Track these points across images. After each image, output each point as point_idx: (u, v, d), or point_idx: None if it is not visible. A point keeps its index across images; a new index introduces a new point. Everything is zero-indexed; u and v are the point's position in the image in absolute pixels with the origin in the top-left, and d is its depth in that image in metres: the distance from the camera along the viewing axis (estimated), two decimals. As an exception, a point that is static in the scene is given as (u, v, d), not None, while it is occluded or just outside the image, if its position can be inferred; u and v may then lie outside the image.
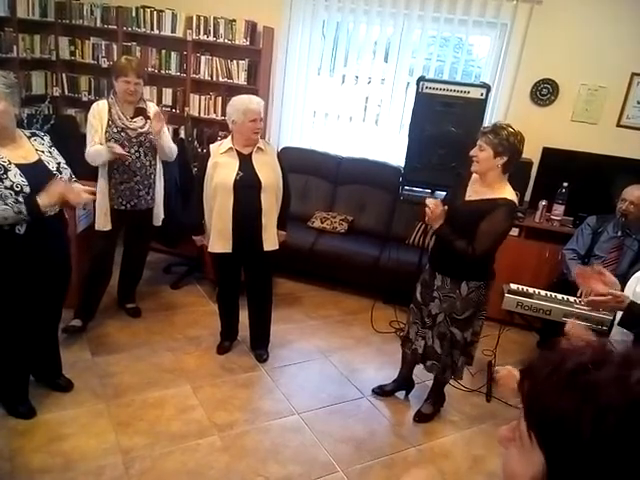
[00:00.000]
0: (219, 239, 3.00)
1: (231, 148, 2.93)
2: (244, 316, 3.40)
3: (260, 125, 2.91)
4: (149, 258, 3.77)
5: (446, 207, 2.61)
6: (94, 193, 3.17)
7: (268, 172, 2.98)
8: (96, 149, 3.05)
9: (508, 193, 2.53)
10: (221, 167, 2.92)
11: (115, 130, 3.07)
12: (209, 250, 3.07)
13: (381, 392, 3.11)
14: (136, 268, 3.63)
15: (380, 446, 2.75)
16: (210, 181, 2.94)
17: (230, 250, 3.01)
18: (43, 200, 2.26)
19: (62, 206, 2.41)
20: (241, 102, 2.91)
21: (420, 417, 2.96)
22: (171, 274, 4.30)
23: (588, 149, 3.99)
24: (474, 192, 2.59)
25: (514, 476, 0.65)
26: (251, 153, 2.96)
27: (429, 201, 2.56)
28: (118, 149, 3.03)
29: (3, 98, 2.23)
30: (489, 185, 2.54)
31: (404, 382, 3.13)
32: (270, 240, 3.06)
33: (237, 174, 2.90)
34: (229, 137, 2.99)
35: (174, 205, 3.68)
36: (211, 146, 3.03)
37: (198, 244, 3.18)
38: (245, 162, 2.94)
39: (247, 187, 2.91)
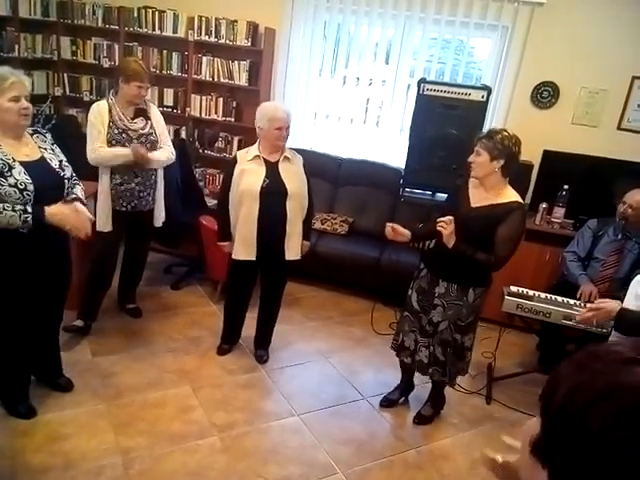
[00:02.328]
0: (243, 246, 3.00)
1: (258, 156, 2.94)
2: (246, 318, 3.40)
3: (285, 133, 2.90)
4: (150, 258, 3.77)
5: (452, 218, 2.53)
6: (93, 194, 3.18)
7: (294, 180, 2.98)
8: (114, 151, 3.04)
9: (516, 196, 2.56)
10: (248, 174, 2.93)
11: (116, 131, 3.07)
12: (233, 257, 3.06)
13: (389, 403, 3.08)
14: (136, 269, 3.63)
15: (380, 448, 2.76)
16: (236, 188, 2.95)
17: (254, 258, 3.01)
18: (50, 215, 2.27)
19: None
20: (267, 110, 2.93)
21: (420, 419, 2.97)
22: (171, 274, 4.30)
23: (589, 152, 4.00)
24: (480, 198, 2.57)
25: (523, 440, 0.68)
26: (278, 161, 2.96)
27: (442, 220, 2.50)
28: (143, 149, 3.05)
29: (26, 96, 2.28)
30: (493, 189, 2.54)
31: (407, 387, 3.13)
32: (293, 249, 3.05)
33: (264, 181, 2.91)
34: (256, 144, 3.00)
35: (174, 205, 3.68)
36: (238, 153, 3.05)
37: (226, 251, 3.14)
38: (272, 170, 2.94)
39: (273, 194, 2.91)
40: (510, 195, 2.55)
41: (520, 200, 2.56)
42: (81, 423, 2.63)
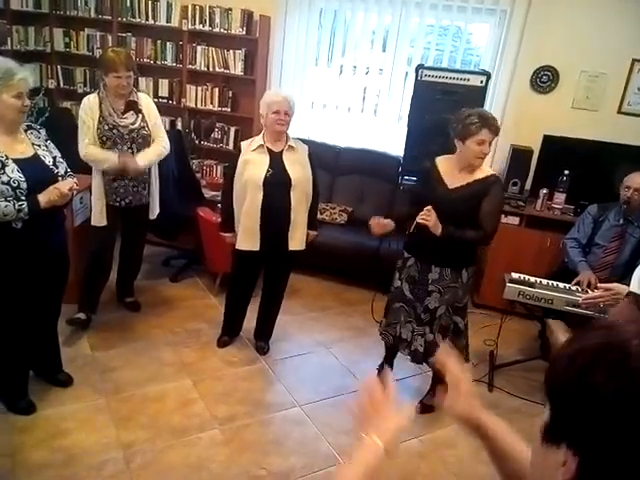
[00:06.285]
0: (247, 236, 2.97)
1: (262, 145, 2.91)
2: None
3: (284, 118, 2.85)
4: (148, 252, 3.75)
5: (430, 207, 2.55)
6: (89, 187, 3.15)
7: (298, 170, 2.94)
8: (105, 156, 3.01)
9: (490, 169, 2.68)
10: (252, 164, 2.90)
11: (106, 127, 3.03)
12: (236, 247, 3.03)
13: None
14: (134, 262, 3.61)
15: (382, 437, 2.74)
16: (240, 178, 2.92)
17: (257, 248, 2.98)
18: (44, 199, 2.26)
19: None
20: (268, 95, 2.94)
21: (423, 408, 2.95)
22: (170, 267, 4.28)
23: (589, 136, 3.95)
24: (455, 179, 2.61)
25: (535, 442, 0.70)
26: (282, 151, 2.93)
27: (422, 214, 2.52)
28: (131, 162, 3.01)
29: (28, 93, 2.25)
30: (470, 166, 2.57)
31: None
32: (297, 240, 3.02)
33: (267, 171, 2.88)
34: (261, 134, 2.97)
35: (171, 198, 3.64)
36: (242, 143, 3.02)
37: (228, 241, 3.10)
38: (276, 159, 2.91)
39: (277, 184, 2.88)
40: (486, 169, 2.63)
41: (494, 172, 2.66)
42: (81, 418, 2.62)
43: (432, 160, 2.70)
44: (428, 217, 2.50)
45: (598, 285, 2.37)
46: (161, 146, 3.22)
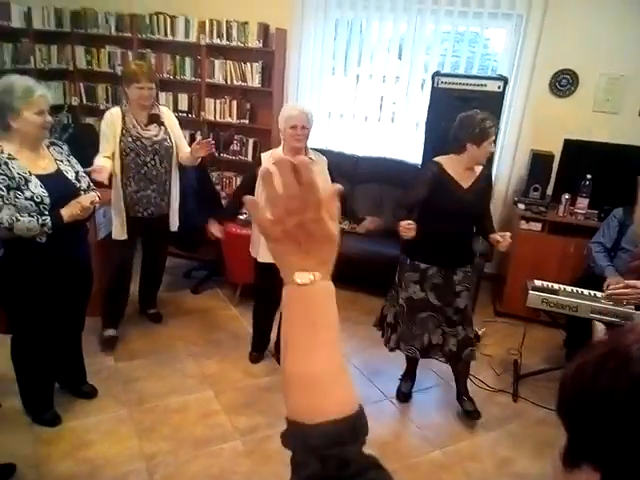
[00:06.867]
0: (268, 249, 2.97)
1: None
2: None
3: (301, 132, 2.86)
4: (169, 263, 3.79)
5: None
6: (109, 200, 3.20)
7: (319, 183, 2.94)
8: (97, 162, 3.00)
9: None
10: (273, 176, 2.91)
11: (130, 139, 3.08)
12: (258, 260, 3.03)
13: (404, 397, 3.10)
14: (155, 274, 3.65)
15: (405, 449, 2.71)
16: (261, 190, 2.92)
17: None
18: (66, 213, 2.31)
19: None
20: (285, 109, 2.96)
21: (475, 415, 2.91)
22: (191, 279, 4.32)
23: (611, 140, 3.88)
24: (465, 178, 2.69)
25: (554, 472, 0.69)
26: None
27: (506, 242, 2.68)
28: (100, 177, 2.90)
29: (48, 110, 2.29)
30: (478, 164, 2.70)
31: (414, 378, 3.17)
32: None
33: None
34: (280, 147, 3.00)
35: (192, 210, 3.67)
36: (262, 155, 3.05)
37: (212, 230, 3.11)
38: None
39: None
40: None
41: None
42: (105, 429, 2.65)
43: (434, 163, 2.71)
44: (505, 241, 2.68)
45: (627, 283, 2.36)
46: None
